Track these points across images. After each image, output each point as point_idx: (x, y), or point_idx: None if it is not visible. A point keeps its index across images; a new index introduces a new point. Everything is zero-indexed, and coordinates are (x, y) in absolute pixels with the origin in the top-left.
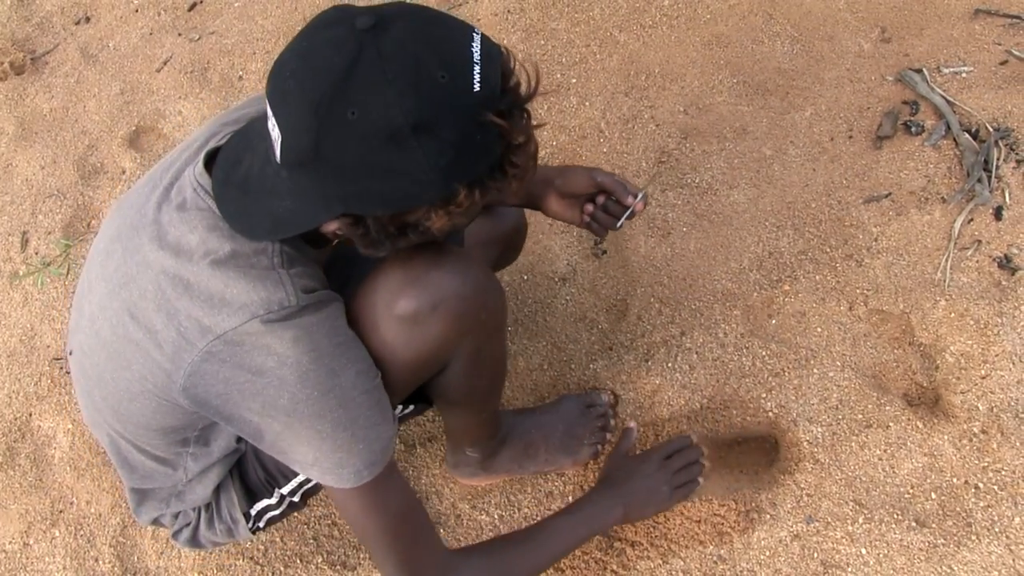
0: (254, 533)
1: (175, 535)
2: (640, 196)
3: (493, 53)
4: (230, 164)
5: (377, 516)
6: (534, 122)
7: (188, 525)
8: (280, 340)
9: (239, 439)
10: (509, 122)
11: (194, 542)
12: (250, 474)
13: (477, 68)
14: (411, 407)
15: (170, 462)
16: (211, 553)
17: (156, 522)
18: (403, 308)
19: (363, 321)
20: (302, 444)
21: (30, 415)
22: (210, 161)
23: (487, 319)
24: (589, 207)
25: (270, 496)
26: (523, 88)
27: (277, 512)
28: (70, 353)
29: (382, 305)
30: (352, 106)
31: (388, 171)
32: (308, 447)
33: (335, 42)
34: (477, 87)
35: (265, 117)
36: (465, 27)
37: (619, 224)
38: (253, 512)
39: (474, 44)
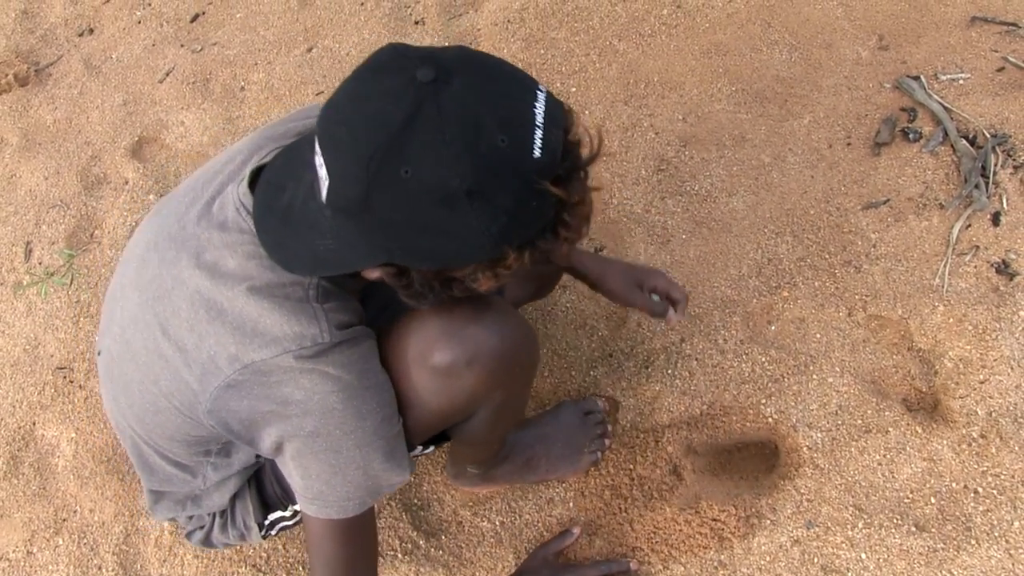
0: (264, 538)
1: (188, 535)
2: (676, 317)
3: (556, 116)
4: (273, 189)
5: (338, 546)
6: (591, 183)
7: (202, 528)
8: (310, 376)
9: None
10: (566, 188)
11: (206, 543)
12: (267, 488)
13: (539, 132)
14: (431, 447)
15: (190, 469)
16: (213, 561)
17: (171, 520)
18: (438, 360)
19: (394, 363)
20: (312, 472)
21: (34, 424)
22: (254, 178)
23: (520, 375)
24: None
25: (284, 510)
26: (584, 151)
27: (290, 523)
28: (99, 353)
29: (416, 352)
30: (406, 164)
31: (437, 231)
32: (317, 476)
33: (393, 93)
34: (537, 153)
35: (312, 144)
36: (529, 84)
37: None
38: (266, 522)
39: (537, 105)
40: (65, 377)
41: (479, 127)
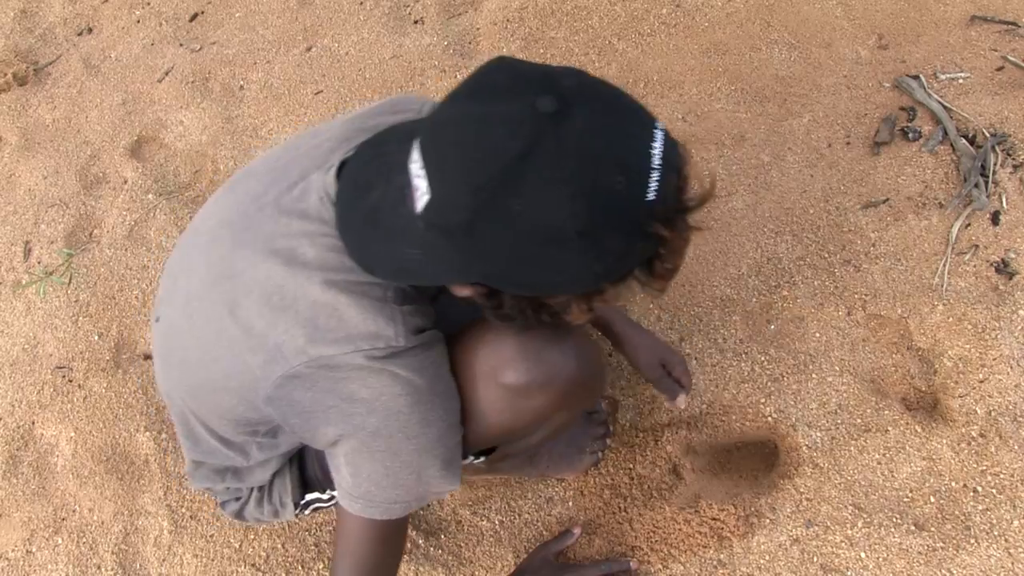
0: (297, 516)
1: (223, 504)
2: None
3: (672, 157)
4: (359, 187)
5: (372, 546)
6: (692, 224)
7: (238, 500)
8: (379, 376)
9: None
10: (674, 231)
11: (239, 516)
12: (308, 468)
13: (656, 175)
14: (482, 458)
15: (236, 446)
16: (212, 560)
17: (208, 490)
18: (512, 379)
19: (462, 373)
20: (363, 471)
21: (33, 423)
22: (341, 168)
23: (586, 400)
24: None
25: (323, 492)
26: (694, 195)
27: (325, 505)
28: (156, 319)
29: (488, 368)
30: (519, 198)
31: (540, 265)
32: (368, 477)
33: (510, 122)
34: (652, 196)
35: (404, 147)
36: (647, 121)
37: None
38: (302, 501)
39: (654, 145)
40: (64, 376)
41: (598, 166)
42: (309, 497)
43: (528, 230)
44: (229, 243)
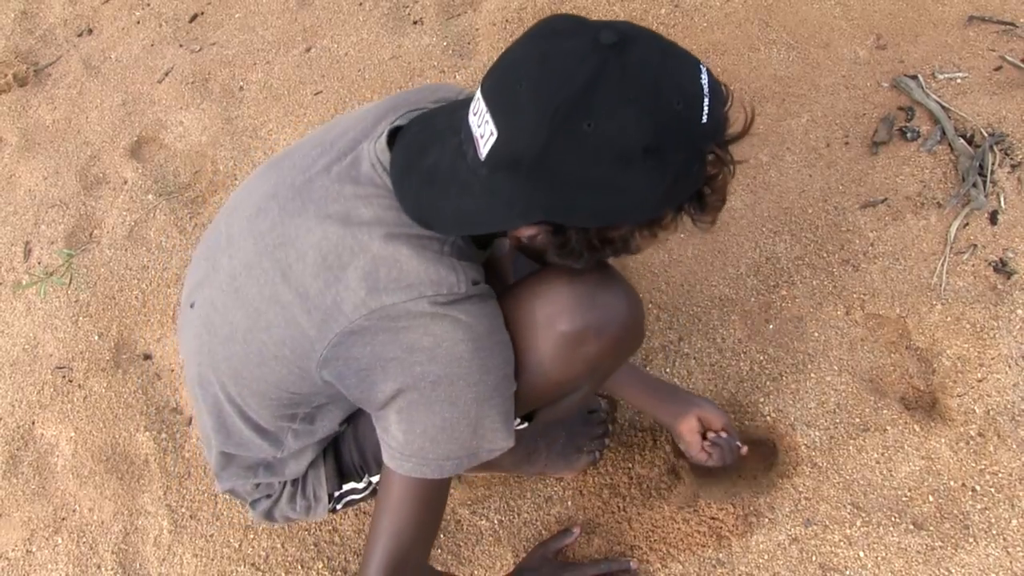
0: (331, 512)
1: (252, 504)
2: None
3: (717, 89)
4: (414, 152)
5: (418, 507)
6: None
7: (269, 497)
8: (441, 323)
9: (342, 422)
10: (724, 153)
11: (269, 515)
12: (345, 456)
13: (707, 101)
14: (525, 423)
15: (270, 435)
16: (212, 559)
17: (232, 491)
18: (568, 325)
19: (518, 325)
20: (418, 427)
21: (33, 423)
22: (390, 138)
23: (633, 346)
24: (706, 443)
25: (359, 480)
26: (735, 126)
27: (359, 496)
28: (191, 306)
29: (543, 316)
30: (590, 118)
31: (607, 188)
32: (422, 432)
33: (577, 53)
34: (705, 119)
35: (455, 112)
36: (693, 59)
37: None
38: (337, 493)
39: (703, 77)
40: (64, 376)
41: (658, 89)
42: (345, 488)
43: (599, 149)
44: (278, 213)
